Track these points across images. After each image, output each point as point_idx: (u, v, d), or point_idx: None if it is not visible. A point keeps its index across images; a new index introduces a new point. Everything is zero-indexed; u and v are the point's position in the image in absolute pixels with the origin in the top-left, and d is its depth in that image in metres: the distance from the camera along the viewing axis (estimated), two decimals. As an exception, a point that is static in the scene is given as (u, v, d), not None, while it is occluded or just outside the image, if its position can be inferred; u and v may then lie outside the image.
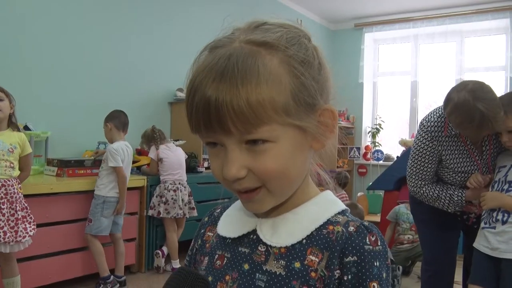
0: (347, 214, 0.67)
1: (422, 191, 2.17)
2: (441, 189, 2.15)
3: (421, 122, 2.16)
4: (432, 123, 2.08)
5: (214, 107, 0.56)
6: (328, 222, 0.65)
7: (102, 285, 3.23)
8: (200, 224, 0.80)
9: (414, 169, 2.17)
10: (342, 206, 0.68)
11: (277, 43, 0.59)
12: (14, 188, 2.59)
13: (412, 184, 2.20)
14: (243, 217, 0.70)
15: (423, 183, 2.16)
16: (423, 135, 2.11)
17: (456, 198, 2.11)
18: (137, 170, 3.92)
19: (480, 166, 2.08)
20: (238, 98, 0.55)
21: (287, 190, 0.64)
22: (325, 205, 0.67)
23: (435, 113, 2.10)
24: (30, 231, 2.65)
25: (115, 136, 3.32)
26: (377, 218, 4.74)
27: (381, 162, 6.60)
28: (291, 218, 0.66)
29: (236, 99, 0.55)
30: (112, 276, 3.27)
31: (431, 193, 2.15)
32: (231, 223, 0.72)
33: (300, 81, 0.59)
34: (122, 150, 3.27)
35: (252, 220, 0.69)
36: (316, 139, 0.63)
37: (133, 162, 4.01)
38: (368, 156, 6.76)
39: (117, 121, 3.32)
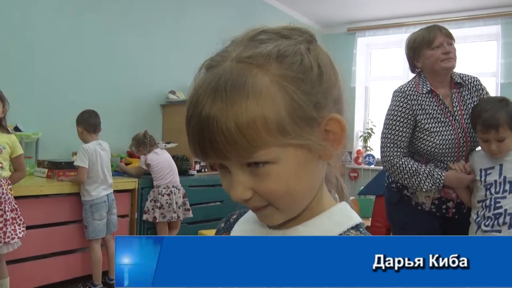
0: (361, 229, 0.65)
1: (400, 163, 2.07)
2: (419, 164, 2.08)
3: (392, 93, 2.26)
4: (403, 86, 2.21)
5: (207, 132, 0.54)
6: None
7: (87, 287, 3.23)
8: (217, 230, 0.79)
9: (390, 136, 2.12)
10: (357, 220, 0.65)
11: (267, 61, 0.56)
12: (2, 189, 2.57)
13: (389, 154, 2.10)
14: (254, 229, 0.69)
15: (400, 152, 2.09)
16: (396, 98, 2.18)
17: (436, 175, 2.04)
18: (124, 174, 3.88)
19: (455, 127, 2.09)
20: (228, 124, 0.53)
21: (296, 207, 0.62)
22: (339, 219, 0.65)
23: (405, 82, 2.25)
24: (20, 232, 2.62)
25: (87, 138, 3.27)
26: (368, 222, 4.77)
27: (372, 166, 6.61)
28: (302, 231, 0.64)
29: (225, 125, 0.53)
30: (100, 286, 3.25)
31: (409, 166, 2.06)
32: (243, 233, 0.71)
33: (295, 98, 0.56)
34: (95, 151, 3.22)
35: (264, 231, 0.68)
36: (323, 153, 0.60)
37: (126, 164, 3.99)
38: (360, 160, 6.77)
39: (86, 124, 3.27)
